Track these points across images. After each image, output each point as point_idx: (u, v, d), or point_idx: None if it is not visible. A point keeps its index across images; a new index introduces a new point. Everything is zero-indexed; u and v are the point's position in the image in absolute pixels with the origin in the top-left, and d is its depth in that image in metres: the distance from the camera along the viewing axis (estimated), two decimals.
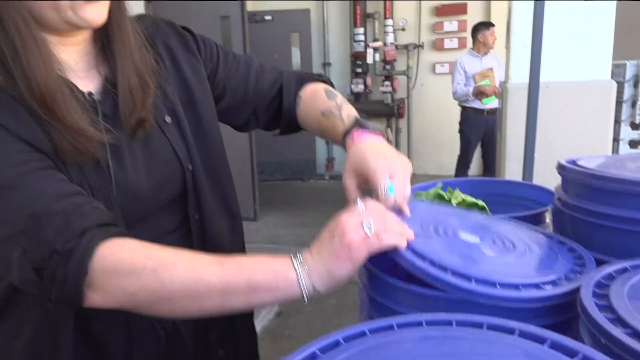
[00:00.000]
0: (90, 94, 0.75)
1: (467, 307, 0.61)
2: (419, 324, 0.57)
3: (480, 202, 0.99)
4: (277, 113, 0.98)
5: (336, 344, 0.54)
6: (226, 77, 0.93)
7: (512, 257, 0.73)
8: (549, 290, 0.64)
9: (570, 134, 2.99)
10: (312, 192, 6.40)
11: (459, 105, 5.02)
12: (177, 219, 0.82)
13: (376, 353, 0.51)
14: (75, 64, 0.75)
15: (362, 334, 0.56)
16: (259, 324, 3.05)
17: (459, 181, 1.21)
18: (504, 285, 0.63)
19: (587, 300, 0.58)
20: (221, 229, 0.86)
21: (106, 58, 0.78)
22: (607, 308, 0.58)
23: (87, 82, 0.77)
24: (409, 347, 0.52)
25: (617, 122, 3.28)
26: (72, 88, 0.72)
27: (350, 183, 0.82)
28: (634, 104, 3.25)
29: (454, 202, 0.97)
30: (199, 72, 0.88)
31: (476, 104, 4.83)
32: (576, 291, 0.62)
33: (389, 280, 0.68)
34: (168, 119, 0.81)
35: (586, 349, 0.48)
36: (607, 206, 0.76)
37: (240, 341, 0.92)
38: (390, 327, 0.56)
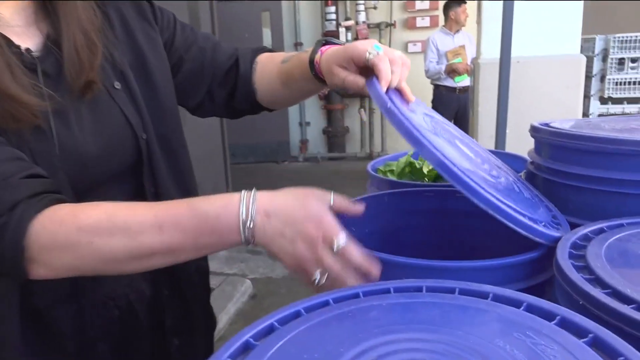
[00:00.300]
0: (28, 50, 0.68)
1: (439, 274, 0.57)
2: (387, 291, 0.52)
3: None
4: (234, 86, 0.91)
5: (297, 314, 0.50)
6: (183, 46, 0.87)
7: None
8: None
9: (541, 109, 3.00)
10: (286, 174, 6.34)
11: (432, 83, 5.00)
12: (131, 191, 0.77)
13: (339, 323, 0.47)
14: (11, 18, 0.68)
15: (325, 304, 0.51)
16: (233, 306, 3.01)
17: None
18: None
19: (564, 261, 0.55)
20: None
21: (48, 15, 0.72)
22: (585, 269, 0.55)
23: (26, 39, 0.70)
24: (376, 315, 0.47)
25: (587, 96, 3.31)
26: (5, 43, 0.65)
27: (342, 72, 0.75)
28: (602, 79, 3.27)
29: (425, 169, 0.93)
30: (154, 40, 0.82)
31: (448, 82, 4.82)
32: (551, 254, 0.59)
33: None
34: (117, 84, 0.75)
35: (564, 311, 0.45)
36: (582, 167, 0.73)
37: (196, 331, 0.87)
38: (356, 296, 0.52)
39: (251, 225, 0.60)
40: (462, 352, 0.40)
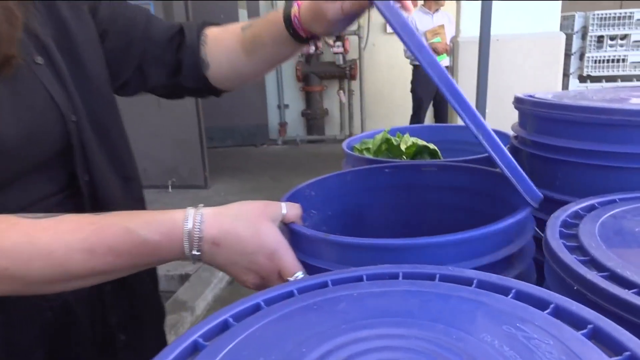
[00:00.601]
0: None
1: (406, 257, 0.51)
2: (359, 278, 0.46)
3: (432, 146, 0.89)
4: (178, 61, 0.80)
5: (256, 308, 0.43)
6: (108, 18, 0.76)
7: None
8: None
9: (520, 88, 2.96)
10: (265, 157, 6.24)
11: (411, 64, 4.94)
12: (62, 180, 0.68)
13: (303, 317, 0.41)
14: None
15: (289, 295, 0.45)
16: (211, 292, 2.94)
17: (409, 127, 1.12)
18: None
19: (555, 241, 0.50)
20: (114, 193, 0.71)
21: None
22: (578, 249, 0.49)
23: None
24: (345, 307, 0.41)
25: (566, 75, 3.28)
26: None
27: (336, 2, 0.65)
28: (582, 56, 3.24)
29: (403, 146, 0.87)
30: (78, 9, 0.72)
31: None
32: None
33: (305, 232, 0.57)
34: (40, 59, 0.64)
35: (558, 298, 0.39)
36: (570, 139, 0.67)
37: (145, 324, 0.80)
38: (324, 285, 0.46)
39: (198, 253, 0.55)
40: (444, 351, 0.34)
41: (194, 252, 0.55)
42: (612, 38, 3.23)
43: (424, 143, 0.89)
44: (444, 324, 0.38)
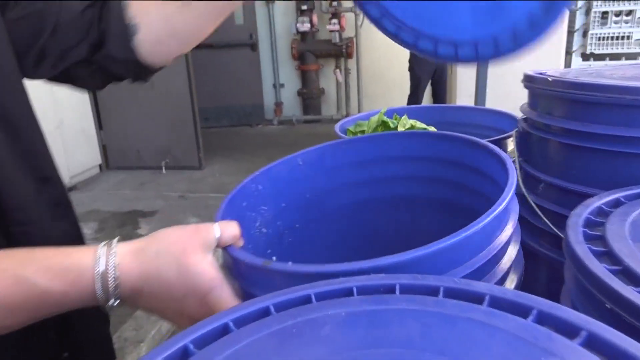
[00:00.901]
0: None
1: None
2: (348, 292, 0.39)
3: (431, 129, 0.81)
4: (98, 27, 0.65)
5: (223, 331, 0.36)
6: None
7: None
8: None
9: (522, 66, 2.87)
10: (261, 137, 6.15)
11: None
12: None
13: (280, 345, 0.33)
14: None
15: (265, 313, 0.38)
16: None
17: (407, 108, 1.03)
18: None
19: (579, 245, 0.42)
20: (24, 197, 0.60)
21: None
22: (606, 255, 0.42)
23: None
24: (330, 332, 0.34)
25: (568, 52, 3.18)
26: None
27: None
28: (585, 34, 3.14)
29: (400, 128, 0.79)
30: None
31: None
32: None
33: (244, 260, 0.48)
34: None
35: (591, 323, 0.32)
36: (590, 123, 0.60)
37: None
38: (307, 300, 0.39)
39: (116, 304, 0.46)
40: None
41: (111, 303, 0.45)
42: (617, 14, 3.13)
43: (423, 126, 0.81)
44: (450, 358, 0.30)
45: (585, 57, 3.18)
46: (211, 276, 0.47)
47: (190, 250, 0.47)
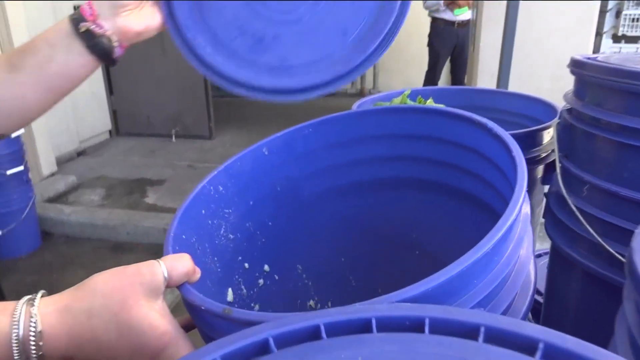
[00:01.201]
0: None
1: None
2: (365, 325, 0.32)
3: None
4: None
5: None
6: None
7: None
8: None
9: (548, 46, 2.75)
10: (273, 109, 6.05)
11: (429, 15, 4.65)
12: None
13: None
14: None
15: (263, 349, 0.31)
16: None
17: (432, 90, 0.95)
18: None
19: None
20: None
21: None
22: None
23: None
24: None
25: (599, 34, 3.03)
26: None
27: None
28: (618, 14, 2.99)
29: None
30: None
31: (447, 15, 4.48)
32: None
33: (200, 305, 0.40)
34: None
35: None
36: None
37: None
38: (315, 335, 0.32)
39: None
40: None
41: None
42: None
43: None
44: None
45: (617, 38, 3.04)
46: (161, 331, 0.39)
47: (131, 302, 0.39)
